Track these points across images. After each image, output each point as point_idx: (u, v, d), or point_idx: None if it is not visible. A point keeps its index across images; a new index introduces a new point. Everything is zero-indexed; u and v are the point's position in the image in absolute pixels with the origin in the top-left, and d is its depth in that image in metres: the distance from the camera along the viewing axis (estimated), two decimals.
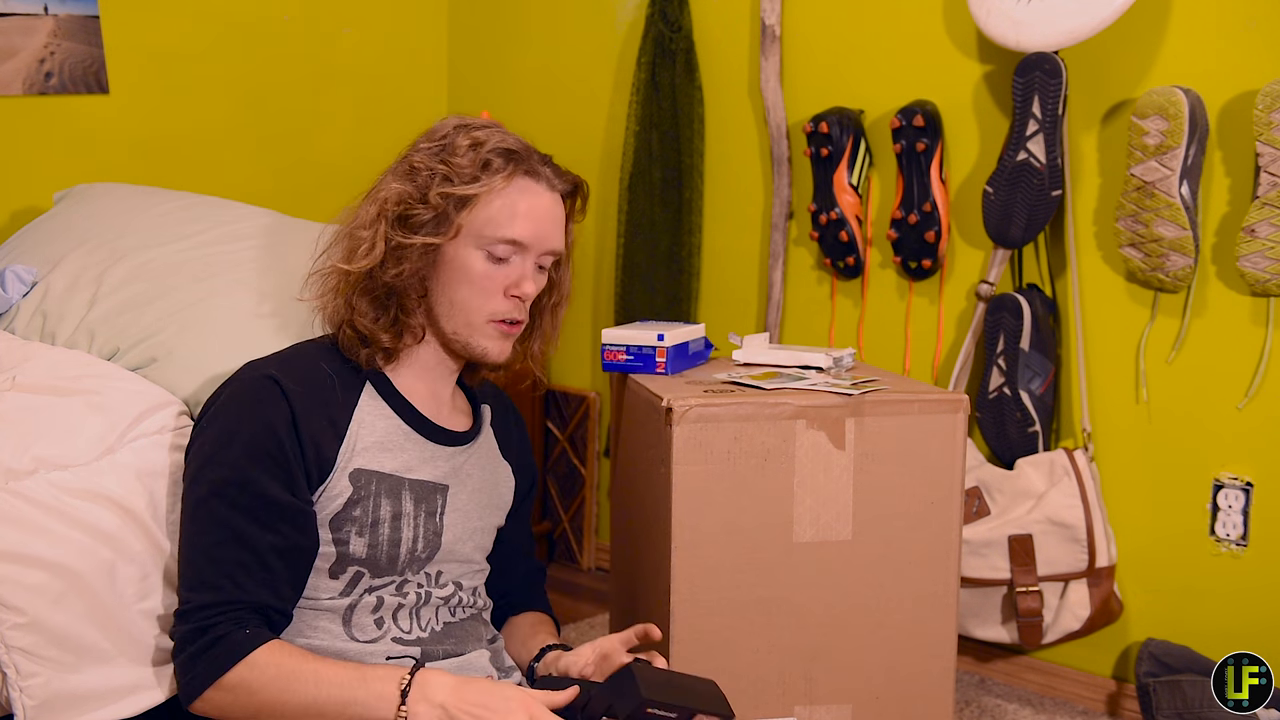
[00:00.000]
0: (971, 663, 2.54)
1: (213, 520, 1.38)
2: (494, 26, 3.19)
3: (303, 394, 1.42)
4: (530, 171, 1.48)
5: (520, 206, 1.46)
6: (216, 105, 2.75)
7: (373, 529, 1.43)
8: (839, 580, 1.68)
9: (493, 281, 1.47)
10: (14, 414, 1.51)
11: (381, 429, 1.47)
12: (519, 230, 1.46)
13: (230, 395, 1.44)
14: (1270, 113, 2.05)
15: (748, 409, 1.64)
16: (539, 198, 1.48)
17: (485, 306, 1.47)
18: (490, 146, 1.46)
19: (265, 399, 1.40)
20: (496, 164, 1.46)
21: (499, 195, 1.45)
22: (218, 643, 1.34)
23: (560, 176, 1.51)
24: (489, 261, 1.46)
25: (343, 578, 1.43)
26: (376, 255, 1.44)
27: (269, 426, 1.39)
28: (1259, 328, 2.18)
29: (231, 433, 1.40)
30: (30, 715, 1.38)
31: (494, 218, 1.45)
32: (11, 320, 1.85)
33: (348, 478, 1.43)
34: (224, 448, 1.39)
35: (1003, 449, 2.39)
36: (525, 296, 1.48)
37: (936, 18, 2.48)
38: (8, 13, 2.35)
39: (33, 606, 1.38)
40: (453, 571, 1.52)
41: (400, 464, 1.47)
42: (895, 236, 2.51)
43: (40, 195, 2.32)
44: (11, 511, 1.39)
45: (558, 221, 1.51)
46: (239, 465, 1.38)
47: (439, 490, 1.50)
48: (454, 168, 1.45)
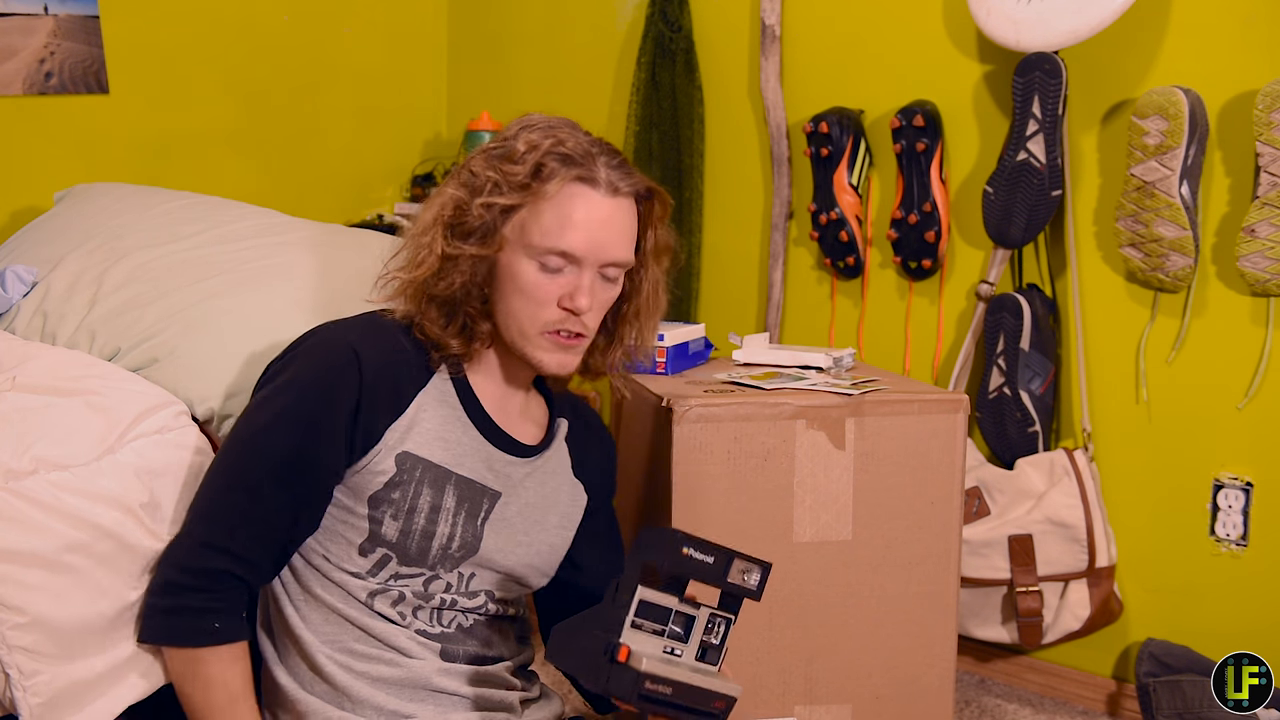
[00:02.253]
0: (971, 663, 2.54)
1: (240, 457, 1.40)
2: (494, 26, 3.19)
3: (377, 368, 1.39)
4: (586, 178, 1.39)
5: (573, 216, 1.38)
6: (216, 105, 2.74)
7: (408, 515, 1.41)
8: (839, 580, 1.68)
9: (545, 292, 1.40)
10: (14, 414, 1.51)
11: (441, 417, 1.43)
12: (570, 242, 1.38)
13: (308, 349, 1.43)
14: (1270, 113, 2.05)
15: (748, 409, 1.64)
16: (595, 206, 1.39)
17: (539, 316, 1.40)
18: (546, 150, 1.39)
19: (338, 366, 1.38)
20: (549, 169, 1.38)
21: (550, 204, 1.38)
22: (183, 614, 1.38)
23: (626, 180, 1.41)
24: (541, 272, 1.39)
25: (371, 556, 1.42)
26: (432, 264, 1.40)
27: (330, 394, 1.37)
28: (1259, 328, 2.18)
29: (292, 385, 1.40)
30: (36, 714, 1.38)
31: (545, 228, 1.38)
32: (12, 320, 1.85)
33: (394, 458, 1.40)
34: (280, 394, 1.40)
35: (1003, 449, 2.39)
36: (578, 310, 1.40)
37: (936, 18, 2.48)
38: (8, 13, 2.35)
39: (33, 606, 1.38)
40: (487, 581, 1.48)
41: (451, 457, 1.43)
42: (895, 236, 2.51)
43: (40, 195, 2.32)
44: (12, 511, 1.39)
45: (622, 230, 1.41)
46: (285, 416, 1.38)
47: (487, 494, 1.46)
48: (506, 175, 1.39)
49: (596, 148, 1.41)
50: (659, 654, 1.20)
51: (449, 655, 1.44)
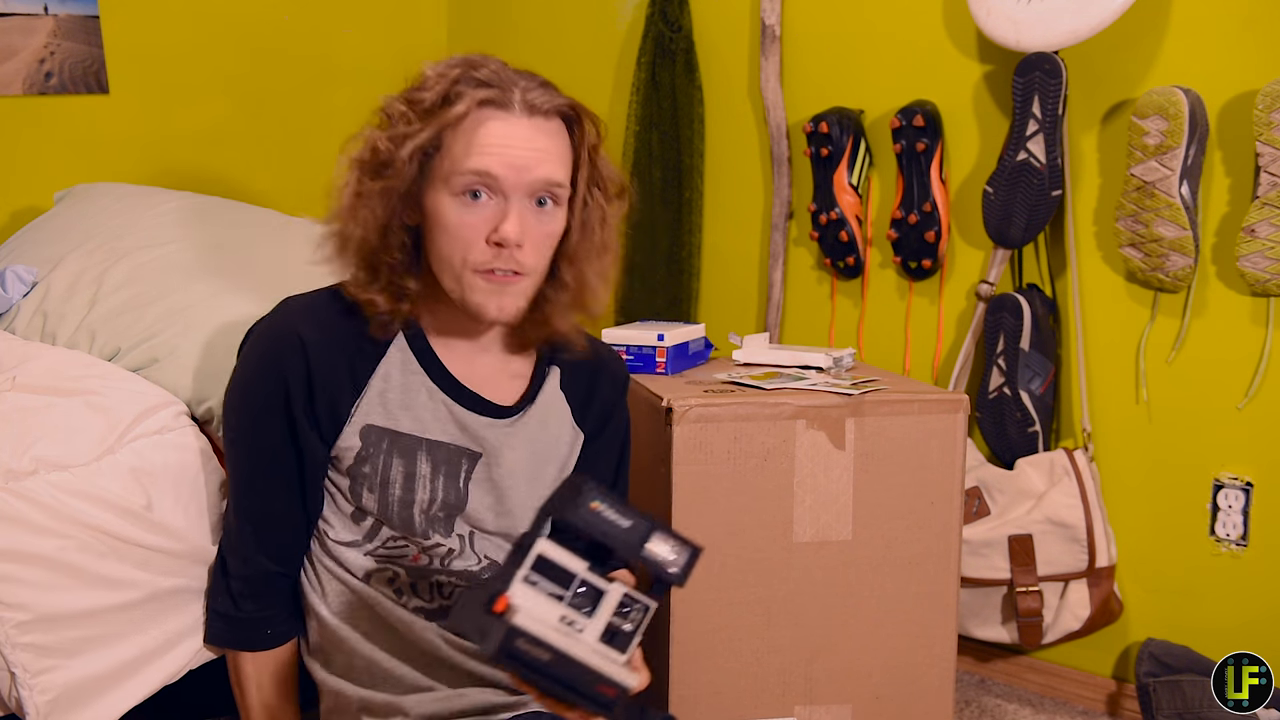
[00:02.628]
0: (971, 663, 2.54)
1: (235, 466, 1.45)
2: (494, 26, 3.19)
3: (324, 344, 1.36)
4: (499, 100, 1.30)
5: (486, 139, 1.29)
6: (216, 105, 2.74)
7: (382, 487, 1.39)
8: (839, 580, 1.68)
9: (470, 229, 1.30)
10: (14, 414, 1.51)
11: (404, 385, 1.39)
12: (483, 162, 1.28)
13: (253, 343, 1.43)
14: (1270, 113, 2.05)
15: (748, 409, 1.64)
16: (511, 126, 1.29)
17: (468, 257, 1.31)
18: (455, 77, 1.31)
19: (282, 352, 1.37)
20: (457, 92, 1.30)
21: (461, 130, 1.30)
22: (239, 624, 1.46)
23: (546, 98, 1.32)
24: (463, 206, 1.30)
25: (363, 524, 1.43)
26: (347, 205, 1.35)
27: (280, 378, 1.37)
28: (1259, 328, 2.18)
29: (245, 381, 1.43)
30: (43, 712, 1.38)
31: (455, 154, 1.30)
32: (12, 320, 1.85)
33: (358, 434, 1.38)
34: (238, 393, 1.43)
35: (1003, 449, 2.39)
36: (506, 240, 1.29)
37: (936, 18, 2.48)
38: (8, 13, 2.35)
39: (36, 604, 1.38)
40: (490, 547, 1.45)
41: (418, 424, 1.39)
42: (895, 236, 2.51)
43: (40, 195, 2.32)
44: (12, 511, 1.39)
45: (543, 150, 1.31)
46: (250, 414, 1.41)
47: (465, 455, 1.41)
48: (412, 104, 1.32)
49: (519, 74, 1.33)
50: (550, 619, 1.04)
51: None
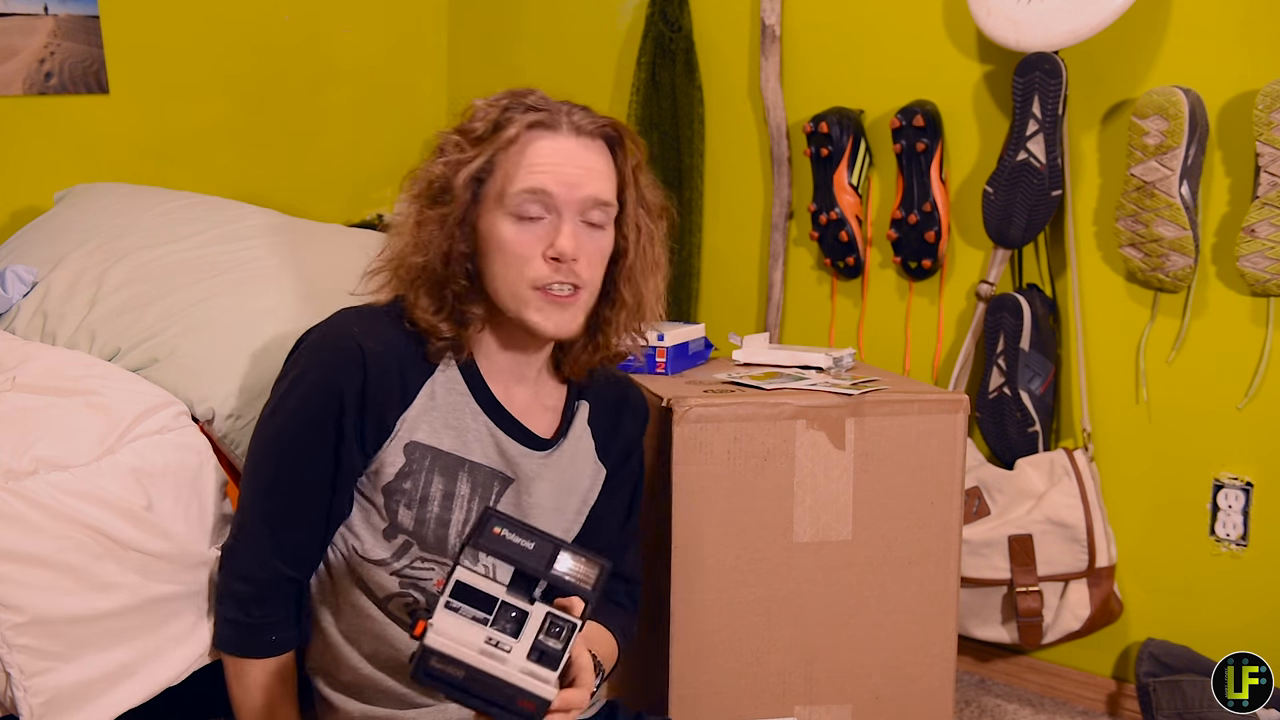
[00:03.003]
0: (971, 663, 2.54)
1: (261, 468, 1.42)
2: (494, 26, 3.19)
3: (382, 356, 1.38)
4: (548, 123, 1.37)
5: (538, 158, 1.35)
6: (216, 105, 2.74)
7: (421, 504, 1.41)
8: (839, 580, 1.68)
9: (526, 246, 1.35)
10: (14, 414, 1.51)
11: (450, 404, 1.42)
12: (537, 179, 1.34)
13: (311, 346, 1.43)
14: (1270, 113, 2.05)
15: (748, 409, 1.64)
16: (560, 144, 1.36)
17: (525, 274, 1.35)
18: (505, 105, 1.38)
19: (342, 361, 1.38)
20: (507, 118, 1.37)
21: (513, 152, 1.36)
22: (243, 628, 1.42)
23: (591, 119, 1.39)
24: (519, 225, 1.35)
25: (394, 541, 1.43)
26: (408, 236, 1.39)
27: (336, 389, 1.37)
28: (1259, 328, 2.18)
29: (298, 384, 1.40)
30: (37, 713, 1.38)
31: (510, 175, 1.35)
32: (12, 320, 1.85)
33: (402, 450, 1.40)
34: (290, 394, 1.41)
35: (1003, 449, 2.39)
36: (563, 256, 1.34)
37: (936, 18, 2.48)
38: (8, 13, 2.35)
39: (33, 606, 1.38)
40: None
41: (461, 444, 1.42)
42: (895, 236, 2.51)
43: (40, 195, 2.32)
44: (11, 511, 1.39)
45: (593, 168, 1.37)
46: (297, 422, 1.40)
47: (498, 478, 1.45)
48: (465, 134, 1.38)
49: (563, 101, 1.40)
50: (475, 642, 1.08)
51: None
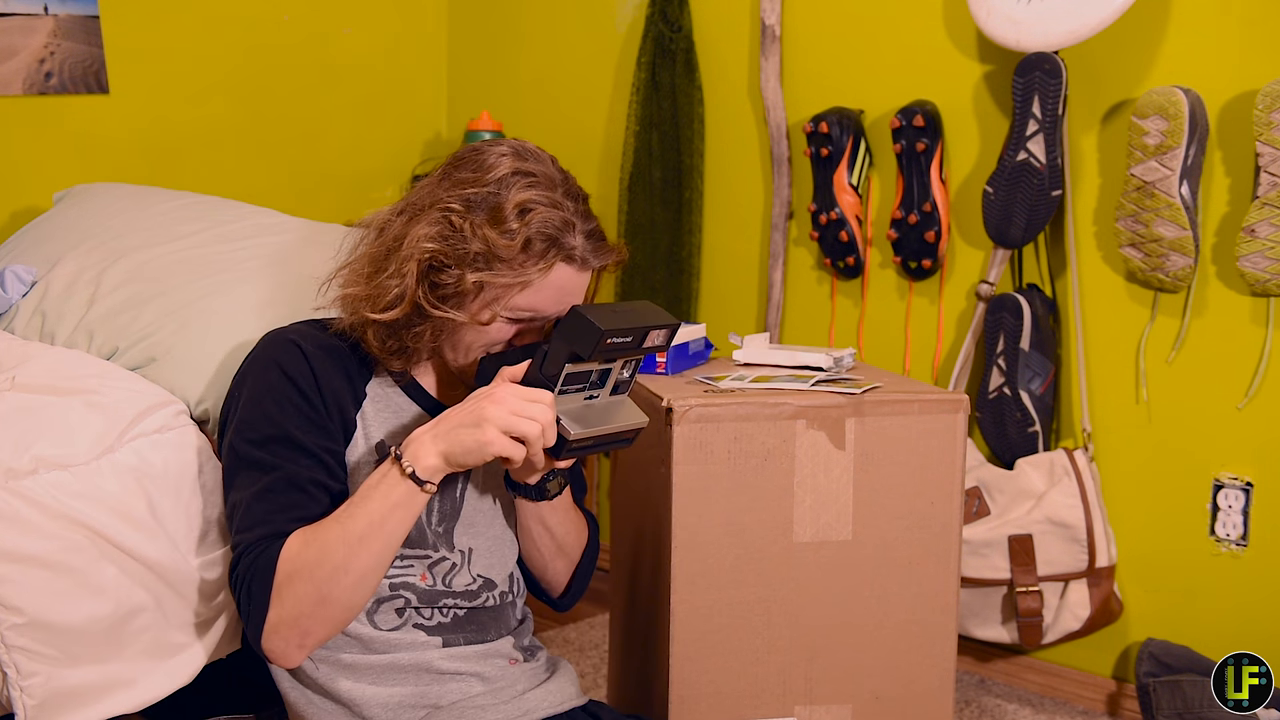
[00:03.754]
0: (971, 663, 2.54)
1: (256, 466, 1.40)
2: (494, 27, 3.19)
3: (321, 357, 1.43)
4: (568, 257, 1.40)
5: (550, 290, 1.40)
6: (216, 105, 2.75)
7: None
8: (839, 580, 1.68)
9: (504, 335, 1.43)
10: (14, 414, 1.51)
11: (394, 406, 1.48)
12: (541, 304, 1.41)
13: (255, 359, 1.46)
14: (1270, 113, 2.05)
15: (748, 409, 1.64)
16: (571, 279, 1.41)
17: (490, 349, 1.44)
18: (536, 224, 1.37)
19: (287, 359, 1.43)
20: (537, 248, 1.38)
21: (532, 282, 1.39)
22: (260, 558, 1.33)
23: (598, 255, 1.42)
24: (506, 323, 1.42)
25: None
26: (402, 311, 1.40)
27: (294, 383, 1.41)
28: (1259, 328, 2.18)
29: (261, 392, 1.42)
30: (31, 714, 1.38)
31: (522, 300, 1.40)
32: (11, 320, 1.85)
33: (375, 448, 1.45)
34: (257, 404, 1.42)
35: (1003, 449, 2.39)
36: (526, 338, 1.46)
37: (936, 18, 2.48)
38: (8, 13, 2.35)
39: (32, 606, 1.38)
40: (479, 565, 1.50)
41: None
42: (895, 236, 2.50)
43: (40, 195, 2.32)
44: (11, 511, 1.39)
45: (583, 287, 1.45)
46: (272, 417, 1.40)
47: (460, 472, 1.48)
48: (493, 246, 1.37)
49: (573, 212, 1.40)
50: (579, 404, 1.40)
51: (450, 643, 1.47)
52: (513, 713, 1.47)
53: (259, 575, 1.32)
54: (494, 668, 1.48)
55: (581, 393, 1.40)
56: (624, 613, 1.95)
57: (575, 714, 1.52)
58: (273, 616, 1.32)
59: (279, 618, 1.32)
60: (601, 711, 1.55)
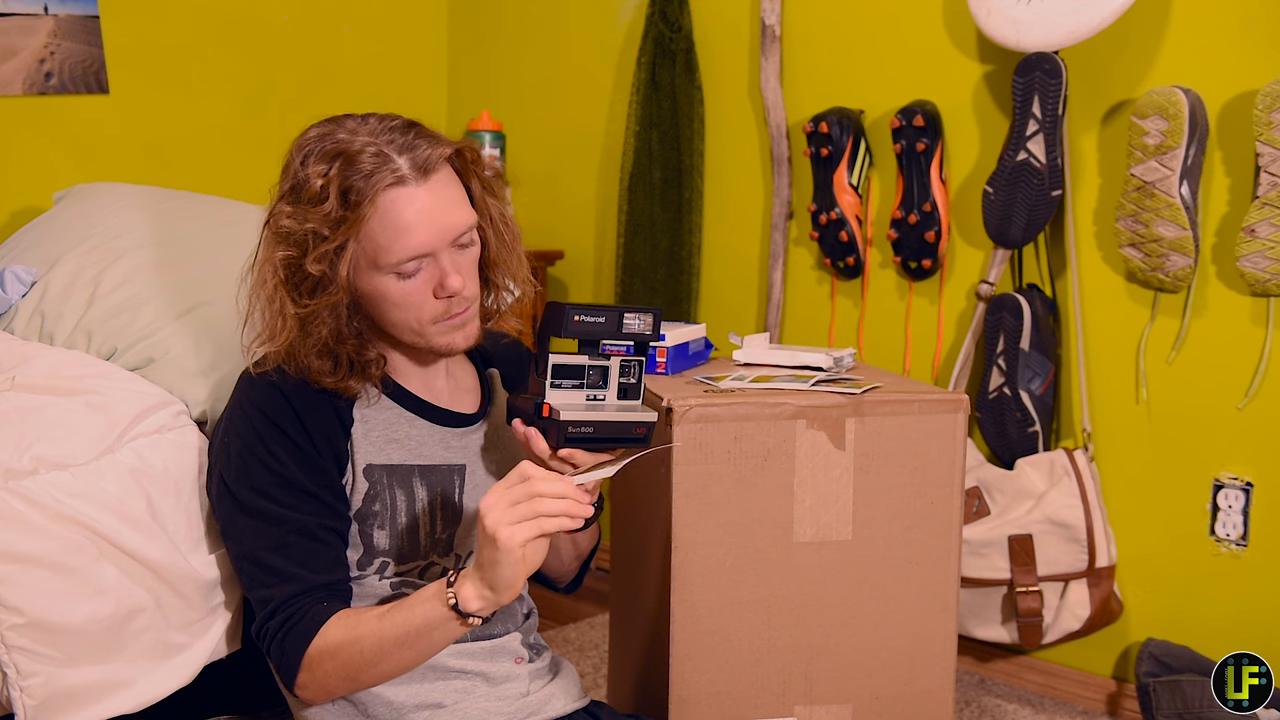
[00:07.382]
0: (971, 663, 2.54)
1: (261, 517, 1.39)
2: (494, 26, 3.19)
3: (301, 394, 1.42)
4: (394, 180, 1.35)
5: (403, 222, 1.35)
6: (216, 105, 2.75)
7: (393, 521, 1.45)
8: (839, 580, 1.68)
9: (417, 295, 1.39)
10: (14, 414, 1.51)
11: (384, 420, 1.47)
12: (414, 245, 1.35)
13: (236, 406, 1.44)
14: (1270, 113, 2.05)
15: (748, 409, 1.64)
16: (417, 200, 1.35)
17: (423, 316, 1.40)
18: (340, 174, 1.34)
19: (268, 403, 1.41)
20: (356, 191, 1.33)
21: (376, 223, 1.34)
22: (298, 623, 1.35)
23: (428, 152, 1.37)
24: (403, 280, 1.38)
25: (370, 568, 1.45)
26: (292, 328, 1.38)
27: (279, 427, 1.40)
28: (1259, 328, 2.18)
29: (251, 440, 1.41)
30: (31, 714, 1.38)
31: (383, 245, 1.35)
32: (10, 320, 1.85)
33: (362, 474, 1.43)
34: (250, 453, 1.40)
35: (1003, 449, 2.39)
36: (453, 292, 1.39)
37: (936, 18, 2.48)
38: (8, 13, 2.35)
39: (32, 606, 1.38)
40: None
41: (408, 453, 1.47)
42: (895, 236, 2.51)
43: (40, 195, 2.32)
44: (11, 511, 1.39)
45: (451, 200, 1.39)
46: (267, 464, 1.39)
47: (455, 471, 1.50)
48: (319, 217, 1.34)
49: (382, 138, 1.36)
50: (581, 403, 1.43)
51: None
52: (516, 715, 1.47)
53: (294, 639, 1.35)
54: (500, 668, 1.48)
55: (581, 390, 1.44)
56: (624, 613, 1.95)
57: (576, 715, 1.52)
58: (302, 678, 1.35)
59: (307, 681, 1.36)
60: (601, 712, 1.55)
